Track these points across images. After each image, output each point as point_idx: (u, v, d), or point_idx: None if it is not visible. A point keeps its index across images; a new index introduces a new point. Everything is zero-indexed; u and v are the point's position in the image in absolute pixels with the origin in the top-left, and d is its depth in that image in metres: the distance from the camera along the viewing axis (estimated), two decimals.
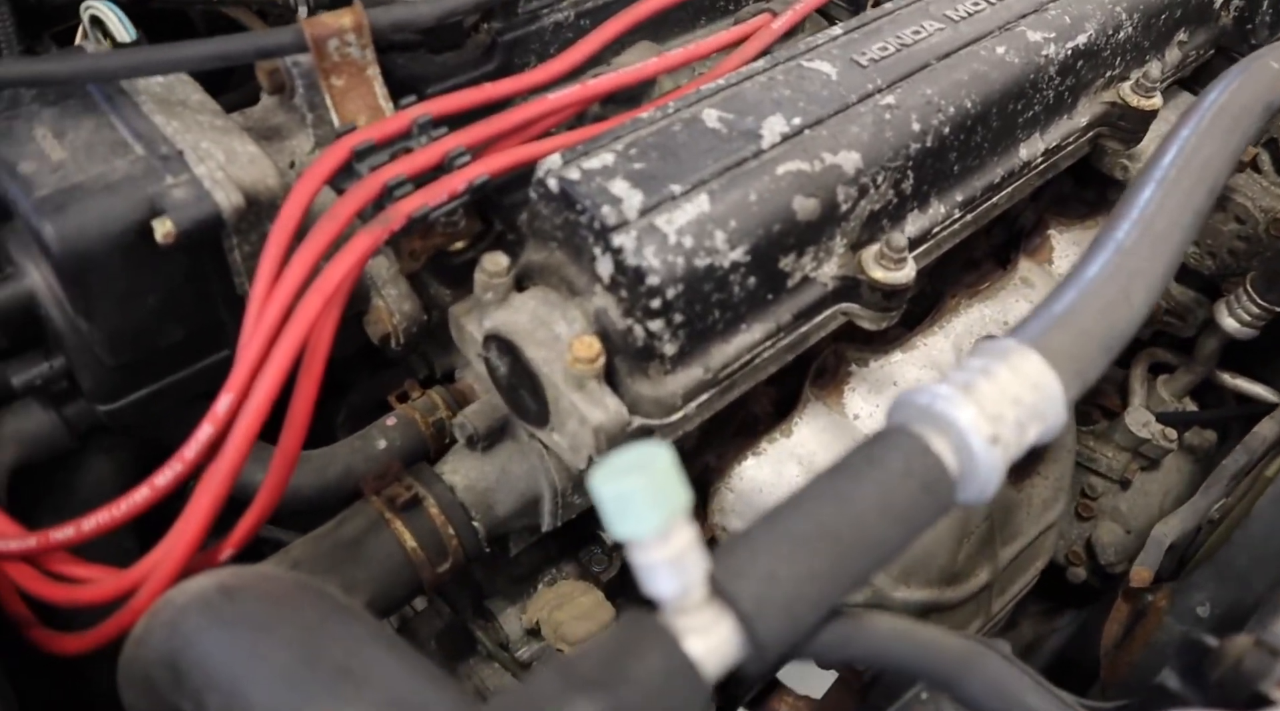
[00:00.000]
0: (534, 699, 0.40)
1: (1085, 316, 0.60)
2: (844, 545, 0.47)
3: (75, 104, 0.79)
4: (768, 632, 0.44)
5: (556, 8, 0.94)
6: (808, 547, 0.46)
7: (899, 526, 0.49)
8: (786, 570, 0.45)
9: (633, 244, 0.74)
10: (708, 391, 0.82)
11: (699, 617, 0.44)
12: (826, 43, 0.92)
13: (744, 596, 0.44)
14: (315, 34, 0.78)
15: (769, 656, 0.44)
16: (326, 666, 0.50)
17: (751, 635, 0.44)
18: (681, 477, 0.43)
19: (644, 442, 0.43)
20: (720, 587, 0.44)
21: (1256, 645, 0.57)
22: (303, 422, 0.71)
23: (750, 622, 0.44)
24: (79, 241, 0.71)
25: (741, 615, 0.44)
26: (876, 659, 0.48)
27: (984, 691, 0.45)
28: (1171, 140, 0.76)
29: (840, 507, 0.48)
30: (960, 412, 0.53)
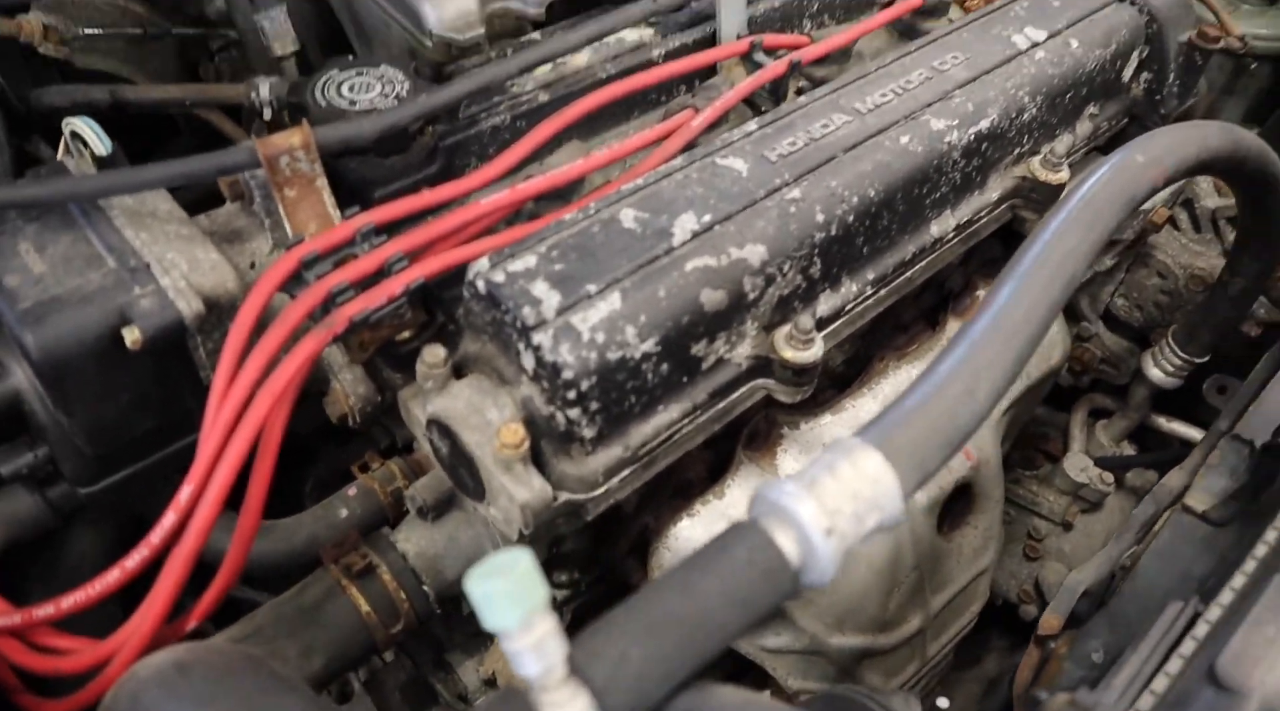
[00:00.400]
0: None
1: (930, 413, 0.68)
2: (688, 628, 0.55)
3: (55, 219, 0.88)
4: (618, 706, 0.52)
5: (494, 112, 1.03)
6: (656, 631, 0.55)
7: (740, 611, 0.57)
8: (636, 651, 0.54)
9: (550, 342, 0.82)
10: (629, 467, 0.90)
11: (559, 694, 0.52)
12: (741, 139, 1.01)
13: (597, 675, 0.52)
14: (267, 153, 0.87)
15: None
16: None
17: (604, 708, 0.52)
18: (539, 577, 0.52)
19: (510, 549, 0.52)
20: (577, 668, 0.52)
21: (1070, 704, 0.64)
22: (257, 508, 0.80)
23: (602, 697, 0.52)
24: (57, 350, 0.80)
25: (595, 691, 0.52)
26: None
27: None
28: (1035, 237, 0.84)
29: (687, 595, 0.56)
30: (802, 508, 0.61)
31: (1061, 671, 0.99)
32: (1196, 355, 1.36)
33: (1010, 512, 1.59)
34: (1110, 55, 1.23)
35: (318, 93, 1.00)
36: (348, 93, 1.00)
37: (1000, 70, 1.14)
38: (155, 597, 0.76)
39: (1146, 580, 0.96)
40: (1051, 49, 1.18)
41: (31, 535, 0.91)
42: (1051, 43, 1.19)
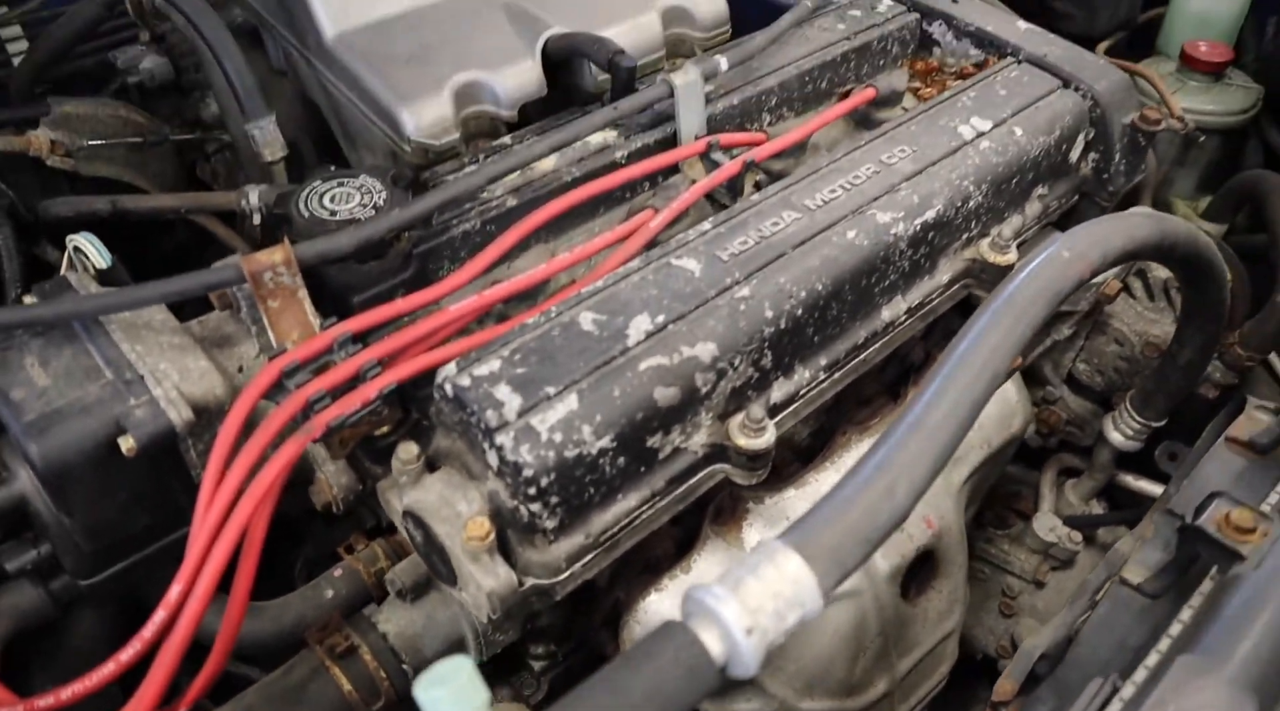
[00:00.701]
0: None
1: (849, 514, 0.74)
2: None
3: (58, 334, 0.96)
4: None
5: (465, 217, 1.11)
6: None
7: (666, 705, 0.63)
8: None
9: (511, 443, 0.89)
10: (591, 553, 0.97)
11: None
12: (696, 238, 1.08)
13: None
14: (252, 269, 0.95)
15: None
16: None
17: None
18: (480, 684, 0.58)
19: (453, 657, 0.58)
20: None
21: None
22: (242, 601, 0.86)
23: None
24: (59, 459, 0.88)
25: None
26: None
27: None
28: (961, 337, 0.90)
29: (616, 693, 0.62)
30: (726, 609, 0.67)
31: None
32: (1153, 420, 1.41)
33: (985, 571, 1.64)
34: (1055, 140, 1.30)
35: (301, 205, 1.07)
36: (329, 203, 1.08)
37: (946, 162, 1.21)
38: (148, 688, 0.82)
39: (1088, 649, 1.01)
40: (996, 138, 1.25)
41: (35, 625, 0.98)
42: (996, 132, 1.26)
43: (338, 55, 1.27)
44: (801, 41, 1.40)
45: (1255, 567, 0.82)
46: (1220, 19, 1.66)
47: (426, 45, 1.28)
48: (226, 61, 1.20)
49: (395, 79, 1.23)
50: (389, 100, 1.22)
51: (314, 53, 1.31)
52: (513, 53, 1.28)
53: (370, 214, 1.07)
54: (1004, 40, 1.42)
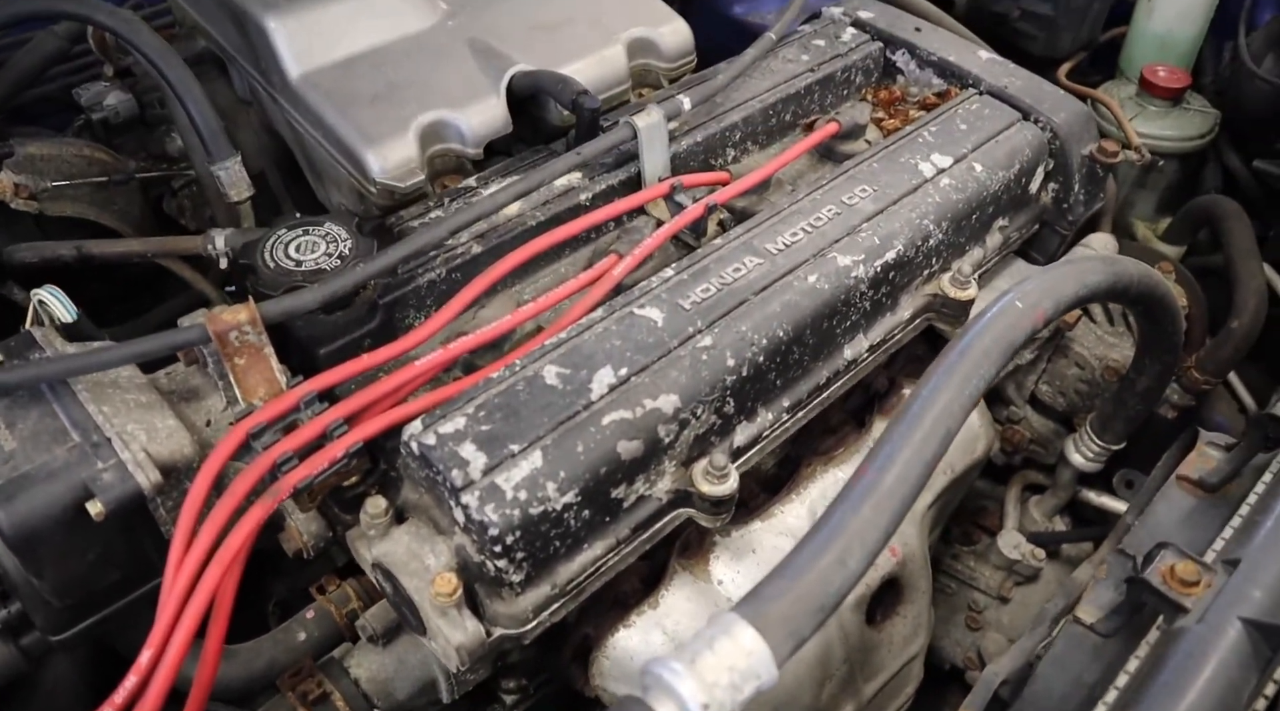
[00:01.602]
0: None
1: (802, 584, 0.76)
2: None
3: (24, 395, 0.97)
4: None
5: (430, 266, 1.12)
6: None
7: None
8: None
9: (476, 503, 0.91)
10: (557, 602, 0.99)
11: None
12: (659, 286, 1.09)
13: None
14: (217, 330, 0.96)
15: None
16: None
17: None
18: None
19: None
20: None
21: None
22: (213, 664, 0.88)
23: None
24: (26, 524, 0.88)
25: None
26: None
27: None
28: (915, 396, 0.92)
29: None
30: (683, 685, 0.69)
31: None
32: (1113, 443, 1.45)
33: (951, 586, 1.67)
34: (1015, 174, 1.32)
35: (266, 255, 1.08)
36: (294, 253, 1.09)
37: (906, 201, 1.23)
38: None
39: (1044, 685, 1.04)
40: (956, 175, 1.27)
41: (5, 681, 0.99)
42: (956, 168, 1.28)
43: (302, 95, 1.27)
44: (765, 74, 1.41)
45: (1199, 620, 0.85)
46: (1180, 41, 1.68)
47: (392, 84, 1.28)
48: (189, 103, 1.20)
49: (360, 120, 1.23)
50: (354, 141, 1.22)
51: (279, 90, 1.31)
52: (477, 90, 1.29)
53: (335, 263, 1.08)
54: (966, 71, 1.43)
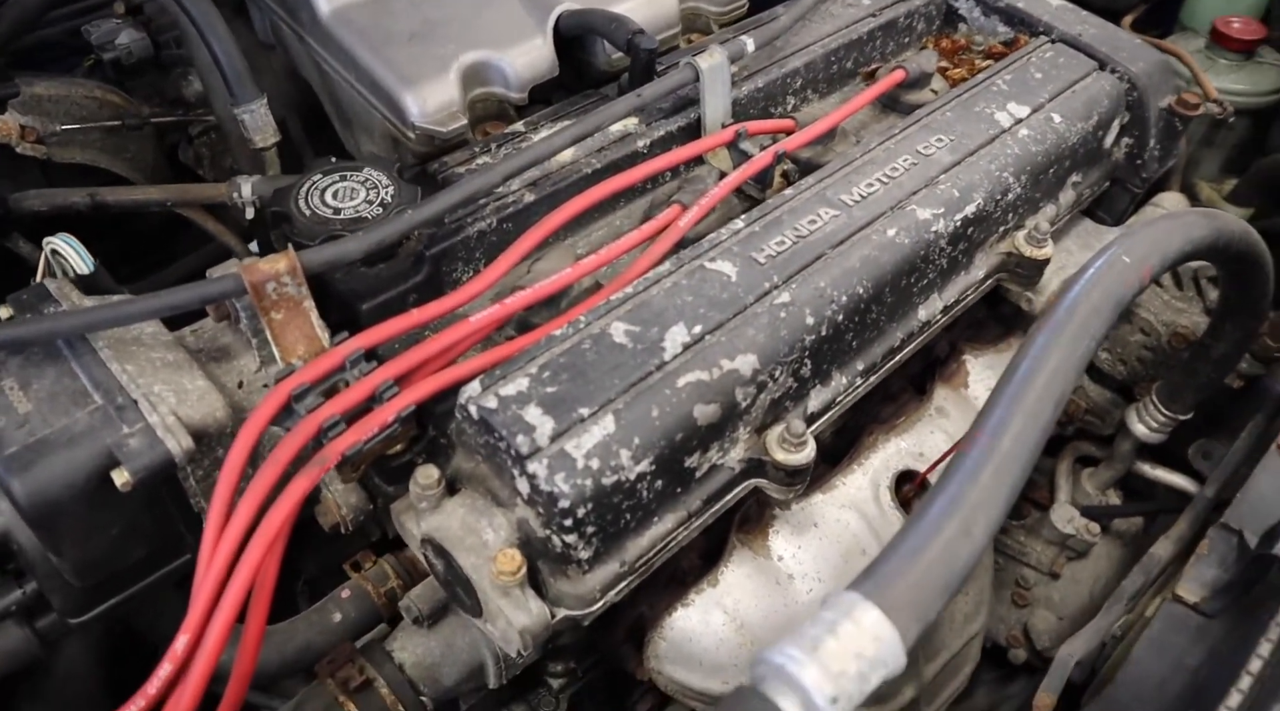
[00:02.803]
0: None
1: (927, 559, 0.69)
2: None
3: (39, 352, 0.87)
4: None
5: (480, 215, 1.03)
6: None
7: None
8: None
9: (544, 472, 0.82)
10: (625, 581, 0.91)
11: None
12: (729, 238, 1.01)
13: None
14: (253, 280, 0.86)
15: None
16: None
17: None
18: None
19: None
20: None
21: None
22: (255, 647, 0.79)
23: None
24: (45, 495, 0.80)
25: None
26: None
27: None
28: (1023, 356, 0.84)
29: None
30: (806, 674, 0.61)
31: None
32: (1180, 413, 1.37)
33: (999, 561, 1.60)
34: (1092, 126, 1.24)
35: (301, 201, 0.99)
36: (332, 200, 0.99)
37: (984, 151, 1.14)
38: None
39: (1141, 669, 0.97)
40: (1034, 125, 1.19)
41: (21, 667, 0.90)
42: (1034, 118, 1.20)
43: (333, 32, 1.17)
44: (825, 18, 1.32)
45: None
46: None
47: (430, 22, 1.18)
48: (213, 41, 1.10)
49: (397, 59, 1.14)
50: (391, 83, 1.13)
51: (307, 29, 1.21)
52: (522, 30, 1.19)
53: (378, 212, 0.99)
54: (1035, 18, 1.35)
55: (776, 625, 1.09)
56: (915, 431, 1.26)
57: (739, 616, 1.09)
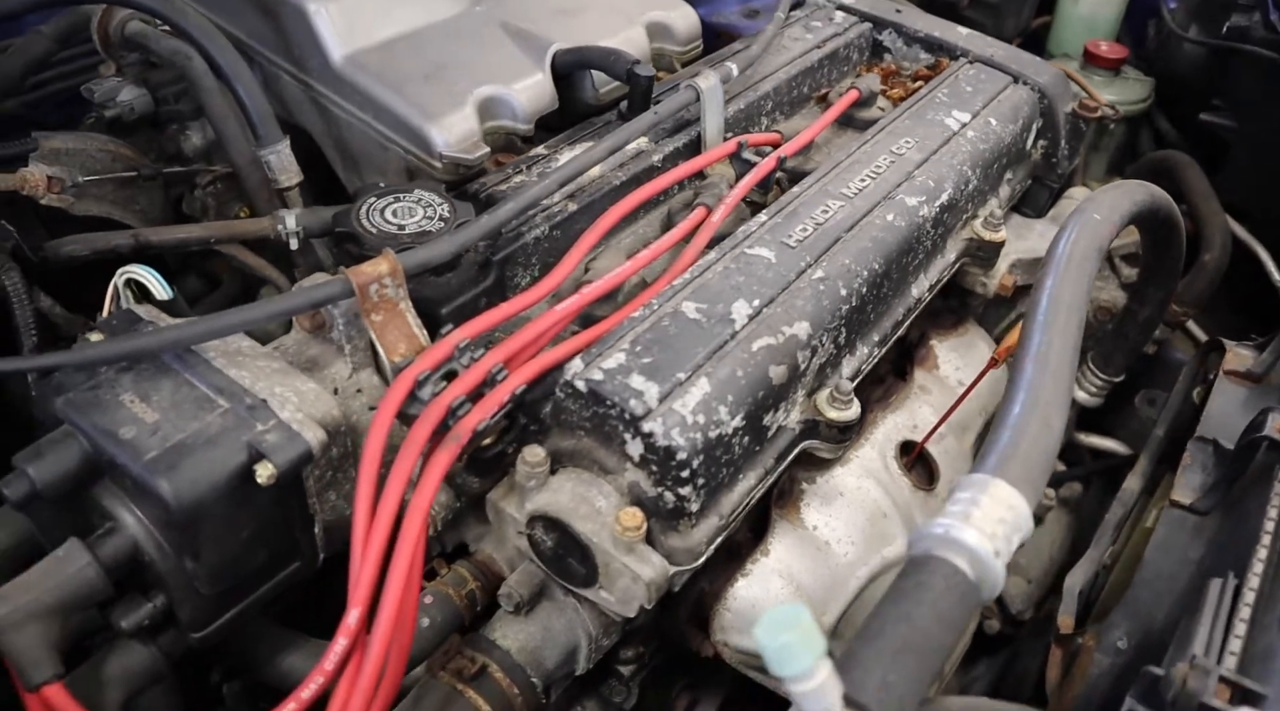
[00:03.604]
0: None
1: (1025, 446, 0.80)
2: (922, 651, 0.64)
3: (148, 369, 0.89)
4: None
5: (532, 224, 1.11)
6: (900, 658, 0.63)
7: (950, 631, 0.67)
8: (894, 677, 0.62)
9: (660, 428, 0.90)
10: (721, 534, 0.98)
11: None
12: (759, 229, 1.13)
13: (872, 704, 0.60)
14: (359, 282, 0.92)
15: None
16: None
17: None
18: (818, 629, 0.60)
19: (787, 605, 0.59)
20: (853, 701, 0.60)
21: (1192, 668, 0.77)
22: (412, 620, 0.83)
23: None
24: (193, 494, 0.81)
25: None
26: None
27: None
28: (1040, 294, 0.99)
29: (912, 625, 0.66)
30: (967, 536, 0.71)
31: (1093, 661, 1.12)
32: (1114, 375, 1.57)
33: None
34: (1019, 128, 1.44)
35: (364, 220, 1.05)
36: (393, 218, 1.06)
37: (945, 149, 1.31)
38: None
39: (1153, 570, 1.11)
40: (977, 128, 1.37)
41: (147, 687, 0.89)
42: (976, 122, 1.38)
43: (349, 77, 1.24)
44: (779, 51, 1.48)
45: None
46: (1104, 21, 1.88)
47: (437, 64, 1.27)
48: (238, 85, 1.16)
49: (417, 97, 1.22)
50: (415, 118, 1.20)
51: (315, 75, 1.27)
52: (522, 68, 1.30)
53: (439, 226, 1.05)
54: (951, 44, 1.55)
55: (825, 586, 1.19)
56: (906, 408, 1.40)
57: (794, 580, 1.18)
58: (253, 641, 1.01)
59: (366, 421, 0.97)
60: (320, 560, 0.98)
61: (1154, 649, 1.10)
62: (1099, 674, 1.12)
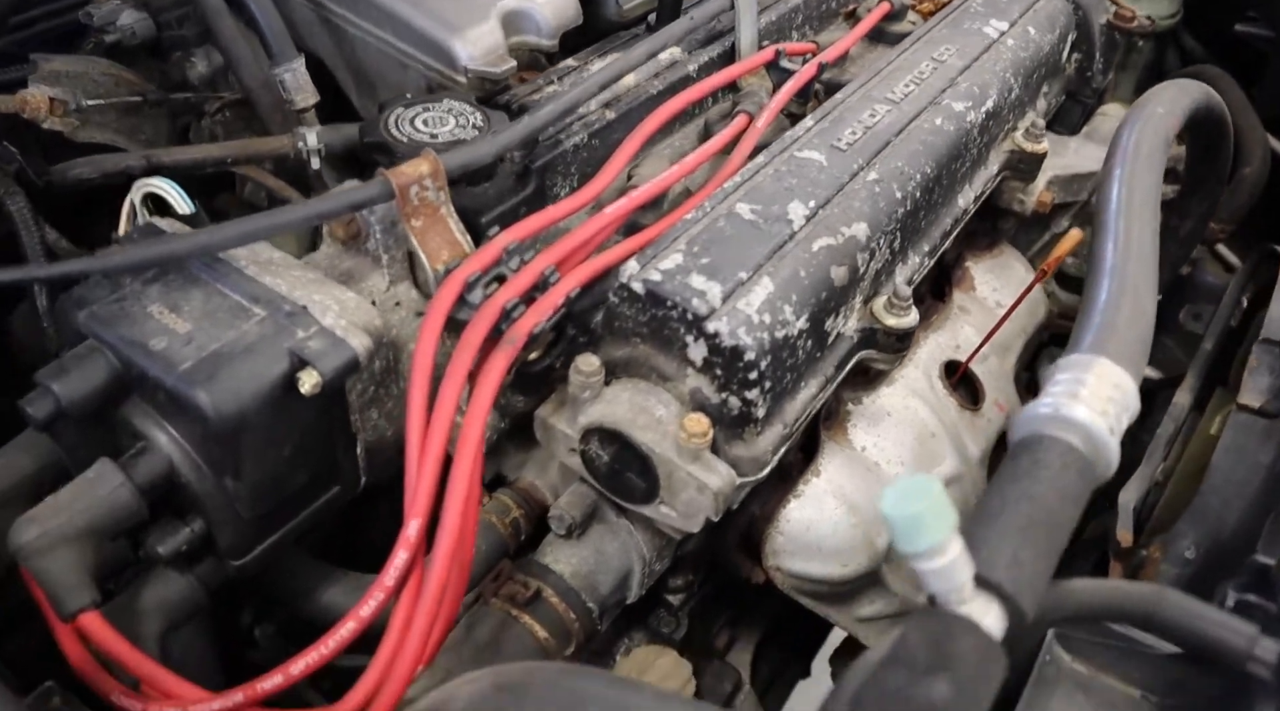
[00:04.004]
0: (892, 687, 0.50)
1: (1121, 325, 0.76)
2: (1048, 528, 0.60)
3: (176, 279, 0.83)
4: (1025, 606, 0.56)
5: (570, 132, 1.05)
6: (1027, 535, 0.59)
7: (1072, 507, 0.62)
8: (1023, 554, 0.57)
9: (726, 328, 0.85)
10: (785, 444, 0.94)
11: (976, 605, 0.55)
12: (805, 134, 1.08)
13: (1005, 582, 0.56)
14: (399, 183, 0.86)
15: (1025, 626, 0.56)
16: None
17: (1014, 610, 0.56)
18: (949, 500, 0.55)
19: (916, 477, 0.54)
20: (984, 579, 0.56)
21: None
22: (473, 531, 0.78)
23: (1013, 601, 0.56)
24: (234, 404, 0.75)
25: (1005, 597, 0.55)
26: (1089, 611, 0.60)
27: (1174, 618, 0.58)
28: (1110, 179, 0.94)
29: (1034, 502, 0.61)
30: (1080, 414, 0.67)
31: (1159, 573, 1.08)
32: None
33: None
34: (1056, 39, 1.39)
35: (394, 129, 0.99)
36: (424, 127, 1.00)
37: (986, 57, 1.26)
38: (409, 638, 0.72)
39: (1221, 476, 1.07)
40: (1016, 36, 1.32)
41: (186, 618, 0.84)
42: (1015, 30, 1.33)
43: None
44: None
45: None
46: None
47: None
48: (253, 3, 1.09)
49: (439, 10, 1.15)
50: (436, 31, 1.14)
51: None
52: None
53: (474, 134, 0.99)
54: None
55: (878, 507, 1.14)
56: (948, 328, 1.35)
57: (847, 501, 1.13)
58: (289, 575, 0.96)
59: (408, 335, 0.92)
60: (361, 484, 0.92)
61: (1225, 556, 1.06)
62: (1167, 584, 1.08)
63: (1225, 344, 1.35)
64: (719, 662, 1.22)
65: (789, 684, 1.49)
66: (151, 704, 0.75)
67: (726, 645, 1.32)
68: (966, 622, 0.53)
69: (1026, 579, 0.57)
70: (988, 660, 0.52)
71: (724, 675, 1.22)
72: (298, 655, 0.74)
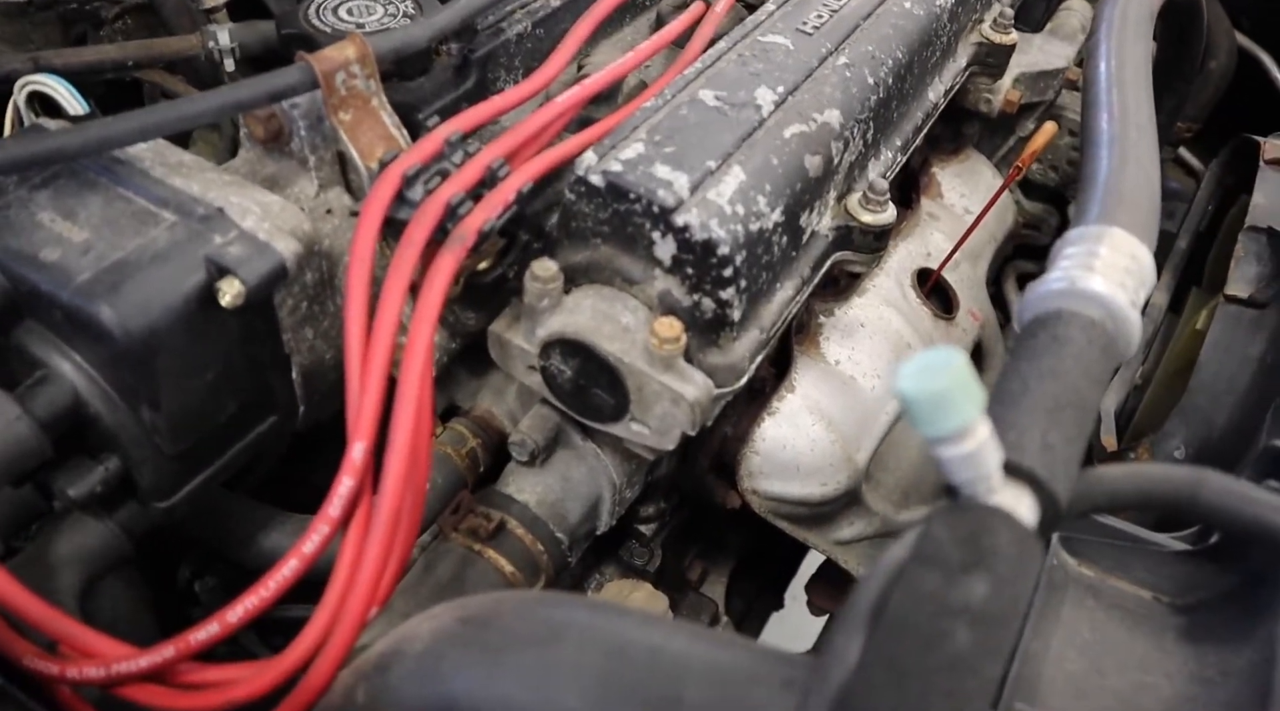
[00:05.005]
0: (926, 589, 0.43)
1: (1128, 193, 0.70)
2: (1074, 408, 0.53)
3: (69, 183, 0.72)
4: (1059, 493, 0.49)
5: (512, 20, 0.95)
6: (1056, 417, 0.52)
7: (1098, 386, 0.56)
8: (1053, 438, 0.51)
9: (697, 220, 0.77)
10: (763, 351, 0.87)
11: (1006, 494, 0.48)
12: (768, 19, 0.99)
13: (1037, 467, 0.49)
14: (323, 69, 0.76)
15: (1059, 514, 0.50)
16: (641, 655, 0.50)
17: (1047, 498, 0.49)
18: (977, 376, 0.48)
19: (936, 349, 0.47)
20: (1014, 466, 0.49)
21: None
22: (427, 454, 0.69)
23: (1046, 488, 0.49)
24: (143, 320, 0.66)
25: (1039, 485, 0.49)
26: (1122, 499, 0.55)
27: (1215, 500, 0.53)
28: (1098, 52, 0.88)
29: (1060, 380, 0.54)
30: (1098, 286, 0.60)
31: None
32: None
33: None
34: None
35: (315, 19, 0.88)
36: (349, 16, 0.89)
37: None
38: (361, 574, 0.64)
39: (1211, 369, 1.03)
40: None
41: (108, 569, 0.75)
42: None
43: None
44: None
45: None
46: None
47: None
48: None
49: None
50: None
51: None
52: None
53: (404, 23, 0.89)
54: None
55: (856, 421, 1.08)
56: (917, 235, 1.29)
57: (824, 416, 1.07)
58: (225, 519, 0.87)
59: (342, 245, 0.82)
60: (300, 414, 0.83)
61: (1216, 452, 1.02)
62: None
63: (1196, 244, 1.31)
64: (695, 595, 1.16)
65: (762, 616, 1.44)
66: (70, 665, 0.66)
67: (700, 577, 1.26)
68: (1003, 515, 0.46)
69: (1060, 465, 0.50)
70: (1026, 555, 0.45)
71: (701, 607, 1.16)
72: (234, 600, 0.65)
